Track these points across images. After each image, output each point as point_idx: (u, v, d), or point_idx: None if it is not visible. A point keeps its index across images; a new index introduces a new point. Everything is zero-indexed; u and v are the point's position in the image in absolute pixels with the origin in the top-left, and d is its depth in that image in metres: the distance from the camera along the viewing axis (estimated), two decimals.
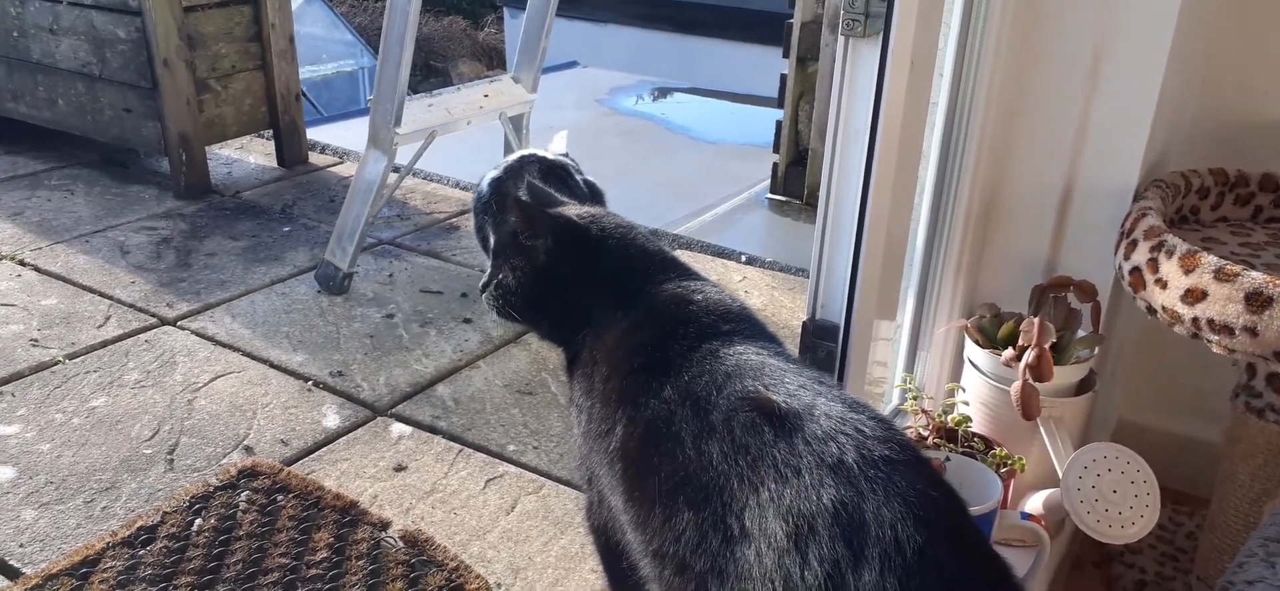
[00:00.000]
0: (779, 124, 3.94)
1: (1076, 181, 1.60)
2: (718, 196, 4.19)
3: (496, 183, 2.39)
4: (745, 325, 1.15)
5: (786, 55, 3.82)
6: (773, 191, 4.04)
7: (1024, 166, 1.61)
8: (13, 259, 2.80)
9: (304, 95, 8.39)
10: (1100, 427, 1.89)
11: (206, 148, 3.43)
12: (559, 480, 1.95)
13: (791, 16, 3.76)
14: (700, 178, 4.76)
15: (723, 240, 3.36)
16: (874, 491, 0.83)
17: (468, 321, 2.59)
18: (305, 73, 8.61)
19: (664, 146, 5.56)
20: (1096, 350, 1.54)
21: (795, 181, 3.93)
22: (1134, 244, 1.43)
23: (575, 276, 1.32)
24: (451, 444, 2.06)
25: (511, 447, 2.05)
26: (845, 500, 0.82)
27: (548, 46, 2.98)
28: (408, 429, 2.11)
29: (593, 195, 2.56)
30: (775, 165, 4.00)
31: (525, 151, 2.52)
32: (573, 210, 1.39)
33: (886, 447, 0.87)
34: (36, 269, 2.75)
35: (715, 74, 8.35)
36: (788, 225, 3.83)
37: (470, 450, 2.04)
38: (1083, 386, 1.54)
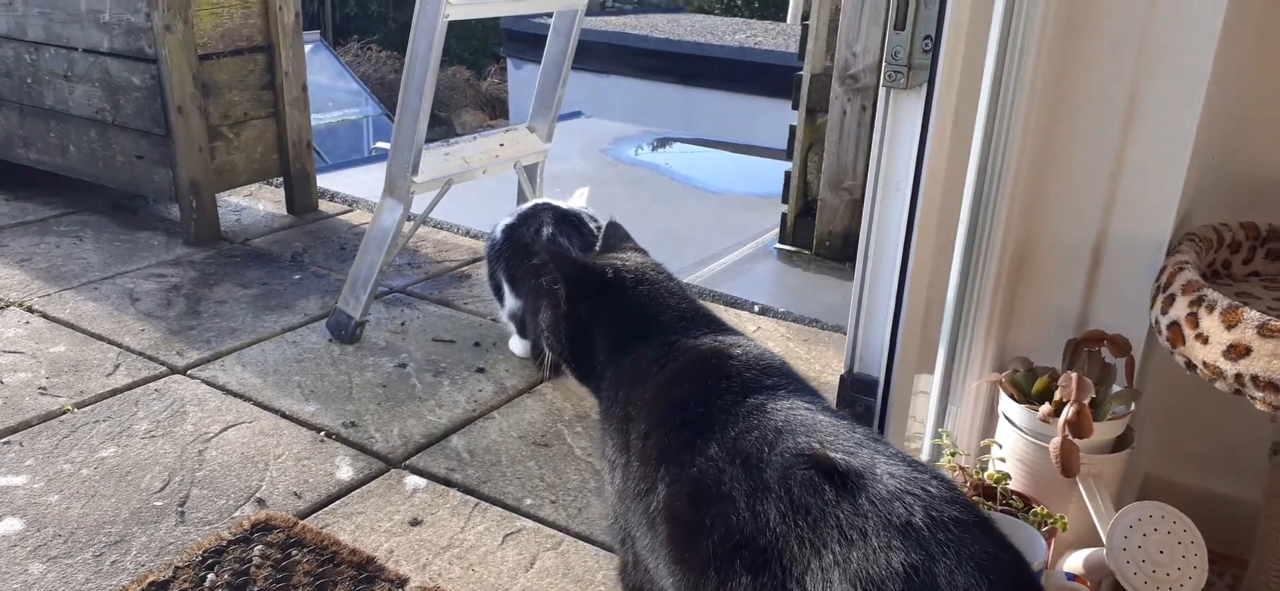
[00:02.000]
0: (788, 174, 3.94)
1: (1109, 234, 1.59)
2: (725, 246, 4.19)
3: (510, 230, 2.39)
4: (787, 380, 1.12)
5: (795, 107, 3.84)
6: (781, 241, 4.04)
7: (1056, 218, 1.60)
8: (21, 305, 2.77)
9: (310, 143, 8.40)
10: (1128, 483, 1.86)
11: (216, 194, 3.42)
12: (578, 535, 1.91)
13: (801, 69, 3.78)
14: (706, 227, 4.76)
15: (733, 289, 3.34)
16: (945, 554, 0.80)
17: (481, 371, 2.56)
18: (312, 120, 8.68)
19: (669, 196, 5.57)
20: (1133, 406, 1.52)
21: (804, 231, 3.93)
22: (1171, 298, 1.41)
23: (597, 321, 1.31)
24: (467, 497, 2.02)
25: (529, 501, 2.01)
26: (916, 564, 0.79)
27: (563, 97, 2.98)
28: (422, 481, 2.07)
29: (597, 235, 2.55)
30: (784, 215, 4.00)
31: (539, 200, 2.52)
32: (606, 257, 1.38)
33: (954, 509, 0.84)
34: (45, 316, 2.72)
35: (718, 125, 8.40)
36: (798, 275, 3.81)
37: (487, 504, 2.00)
38: (1120, 443, 1.51)
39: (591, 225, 2.53)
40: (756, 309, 3.09)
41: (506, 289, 2.43)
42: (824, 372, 2.65)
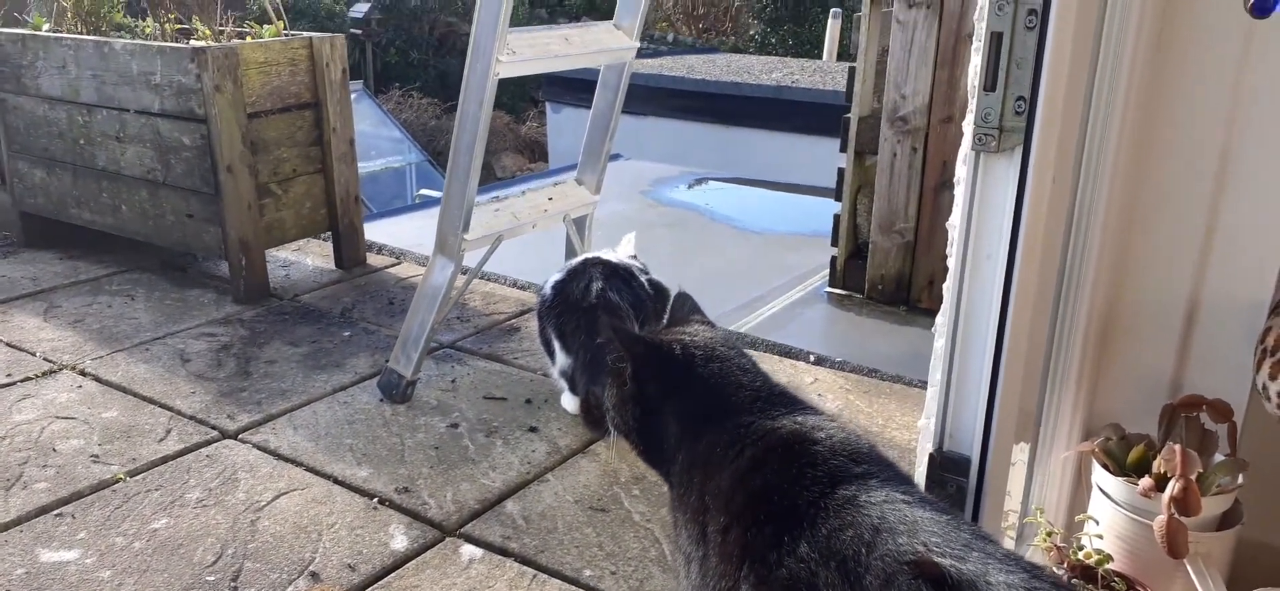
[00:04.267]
0: (837, 217, 3.87)
1: (1204, 291, 1.50)
2: (771, 288, 4.11)
3: (559, 286, 2.35)
4: (878, 466, 1.05)
5: (844, 149, 3.77)
6: (832, 284, 3.95)
7: (1146, 275, 1.52)
8: (73, 368, 2.77)
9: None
10: None
11: (266, 250, 3.42)
12: None
13: (848, 111, 3.72)
14: (750, 269, 4.69)
15: (785, 337, 3.26)
16: None
17: (533, 430, 2.50)
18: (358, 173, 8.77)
19: (710, 237, 5.52)
20: (1240, 478, 1.42)
21: (856, 275, 3.84)
22: (1279, 364, 1.32)
23: (667, 402, 1.24)
24: (525, 569, 1.95)
25: (588, 572, 1.94)
26: None
27: (610, 149, 2.94)
28: (478, 551, 2.01)
29: (657, 295, 2.49)
30: (834, 259, 3.92)
31: (588, 254, 2.47)
32: (673, 333, 1.32)
33: None
34: (97, 379, 2.71)
35: (756, 164, 8.35)
36: (851, 321, 3.72)
37: (545, 576, 1.93)
38: (1227, 519, 1.41)
39: (641, 278, 2.48)
40: (812, 359, 3.01)
41: (557, 345, 2.38)
42: (887, 427, 2.56)
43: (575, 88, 9.65)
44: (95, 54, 3.31)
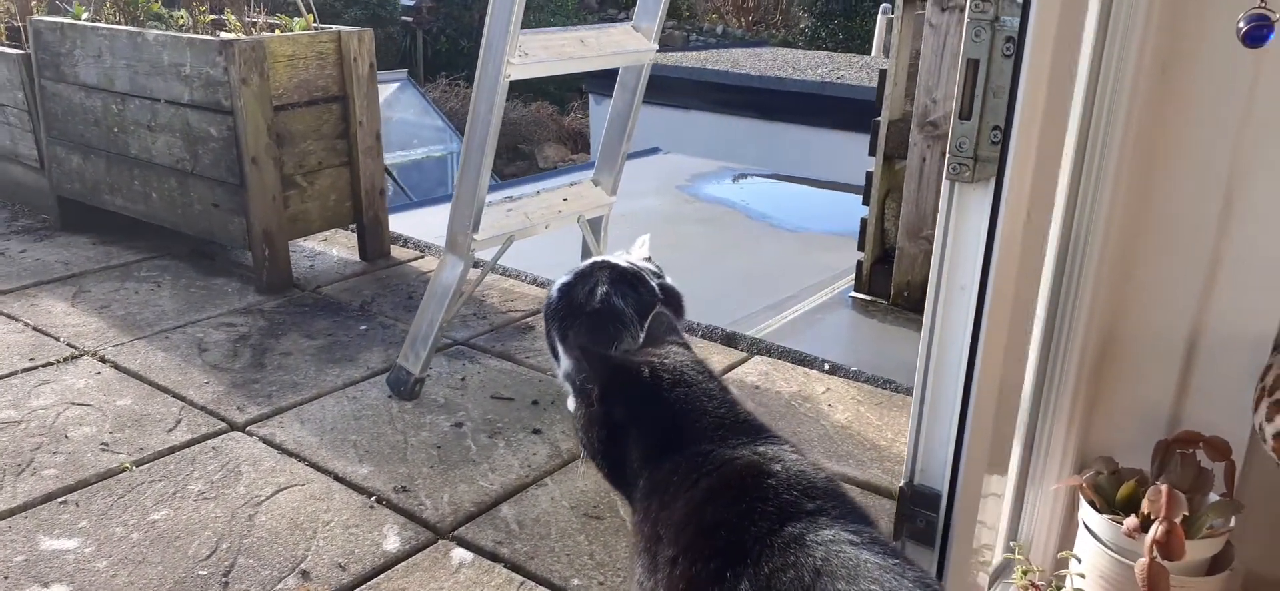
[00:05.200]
0: (864, 221, 3.81)
1: (1205, 325, 1.43)
2: (800, 289, 4.06)
3: (565, 289, 2.32)
4: (833, 503, 1.02)
5: (873, 152, 3.71)
6: (857, 290, 3.89)
7: (1145, 306, 1.46)
8: (94, 354, 2.83)
9: (395, 179, 8.56)
10: (1229, 582, 1.68)
11: (290, 241, 3.46)
12: None
13: (879, 114, 3.65)
14: (782, 269, 4.63)
15: (804, 344, 3.22)
16: None
17: (537, 432, 2.50)
18: (396, 157, 8.88)
19: (745, 235, 5.46)
20: (1233, 520, 1.36)
21: (881, 280, 3.78)
22: (1278, 405, 1.26)
23: (631, 425, 1.23)
24: (513, 575, 1.95)
25: (576, 581, 1.93)
26: None
27: (628, 150, 2.92)
28: (469, 555, 2.01)
29: (668, 300, 2.47)
30: (860, 263, 3.86)
31: (597, 257, 2.44)
32: (644, 354, 1.30)
33: None
34: (116, 366, 2.77)
35: (798, 160, 8.26)
36: (873, 327, 3.66)
37: (533, 583, 1.92)
38: (1217, 563, 1.35)
39: (652, 282, 2.46)
40: (826, 368, 2.96)
41: (561, 349, 2.37)
42: (896, 442, 2.51)
43: None
44: (128, 44, 3.37)
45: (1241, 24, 1.08)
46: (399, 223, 4.29)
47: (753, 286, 4.24)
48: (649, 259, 2.64)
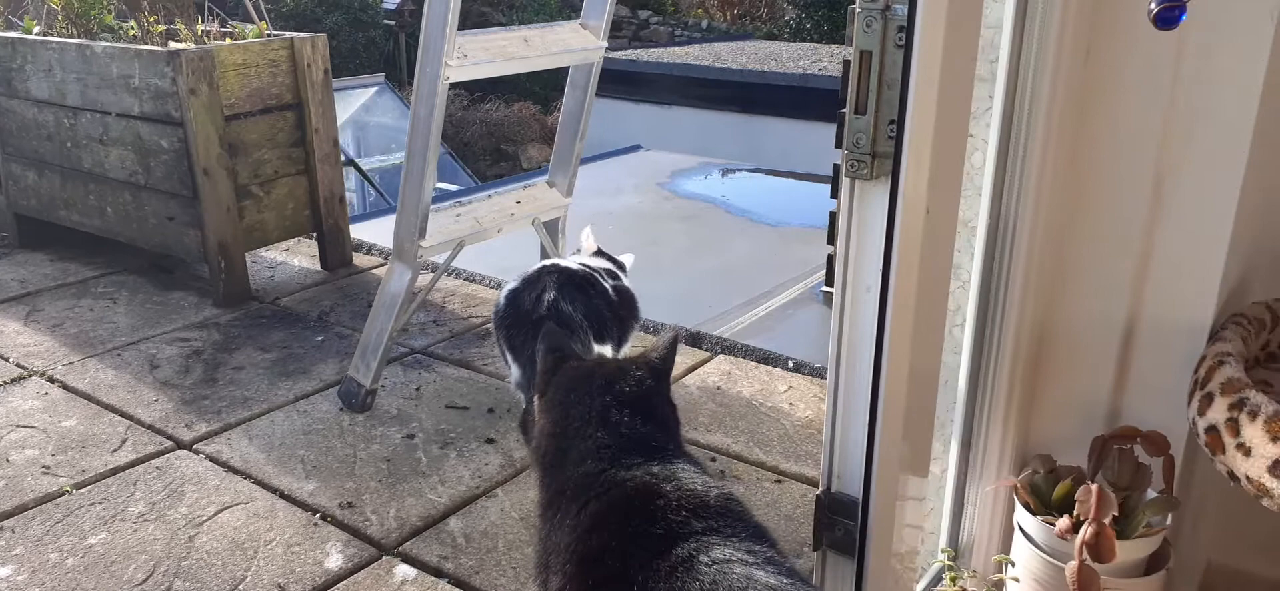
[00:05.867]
0: (833, 215, 3.76)
1: (1141, 316, 1.39)
2: (773, 285, 4.02)
3: (513, 296, 2.26)
4: (726, 521, 0.97)
5: (839, 146, 3.65)
6: (827, 284, 3.85)
7: (1079, 298, 1.41)
8: (43, 374, 2.78)
9: (373, 184, 8.46)
10: (1186, 576, 1.63)
11: (249, 252, 3.41)
12: None
13: (844, 107, 3.60)
14: (757, 264, 4.59)
15: (771, 341, 3.17)
16: None
17: (490, 441, 2.45)
18: (375, 162, 8.80)
19: (723, 231, 5.42)
20: (1170, 518, 1.32)
21: None
22: (1209, 398, 1.22)
23: (543, 442, 1.19)
24: None
25: None
26: None
27: (582, 151, 2.87)
28: (412, 572, 1.96)
29: (622, 301, 2.42)
30: (830, 257, 3.82)
31: (547, 261, 2.39)
32: (574, 365, 1.25)
33: None
34: (64, 386, 2.71)
35: (780, 153, 8.22)
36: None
37: None
38: (1155, 561, 1.31)
39: (606, 282, 2.40)
40: (790, 365, 2.92)
41: (510, 358, 2.31)
42: None
43: (605, 77, 9.58)
44: (78, 57, 3.32)
45: (1152, 5, 1.03)
46: (369, 230, 4.24)
47: (727, 283, 4.20)
48: (599, 251, 2.59)
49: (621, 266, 2.58)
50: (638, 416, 1.14)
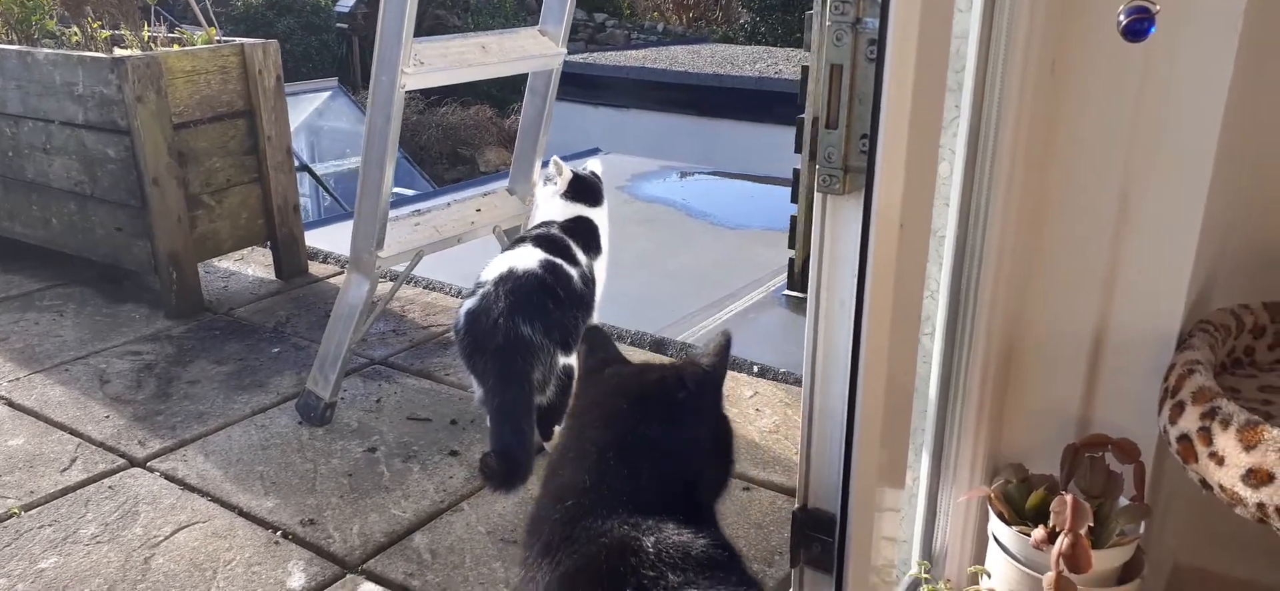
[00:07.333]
0: (793, 219, 3.77)
1: (1110, 325, 1.40)
2: (735, 289, 4.02)
3: (471, 318, 2.17)
4: (706, 573, 0.93)
5: (799, 150, 3.67)
6: (790, 288, 3.86)
7: (1048, 307, 1.42)
8: None
9: (328, 190, 8.32)
10: (1153, 577, 1.65)
11: (202, 262, 3.33)
12: None
13: (803, 112, 3.61)
14: (719, 267, 4.59)
15: (735, 346, 3.13)
16: None
17: (454, 454, 2.41)
18: (330, 166, 8.67)
19: (684, 234, 5.41)
20: (1143, 526, 1.32)
21: None
22: (1180, 407, 1.22)
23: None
24: None
25: None
26: None
27: (543, 158, 2.84)
28: (378, 589, 1.92)
29: (586, 289, 2.36)
30: (791, 261, 3.83)
31: (502, 267, 2.26)
32: (614, 374, 1.18)
33: None
34: (10, 403, 2.62)
35: (738, 156, 8.24)
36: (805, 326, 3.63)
37: None
38: (1128, 571, 1.31)
39: (572, 270, 2.30)
40: (755, 370, 2.91)
41: (473, 380, 2.23)
42: None
43: (564, 79, 9.53)
44: (19, 64, 3.21)
45: (1121, 17, 1.04)
46: (324, 237, 4.16)
47: (689, 287, 4.19)
48: (574, 180, 2.53)
49: (594, 192, 2.54)
50: (648, 452, 1.07)
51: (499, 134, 12.08)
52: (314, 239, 3.92)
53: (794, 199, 3.78)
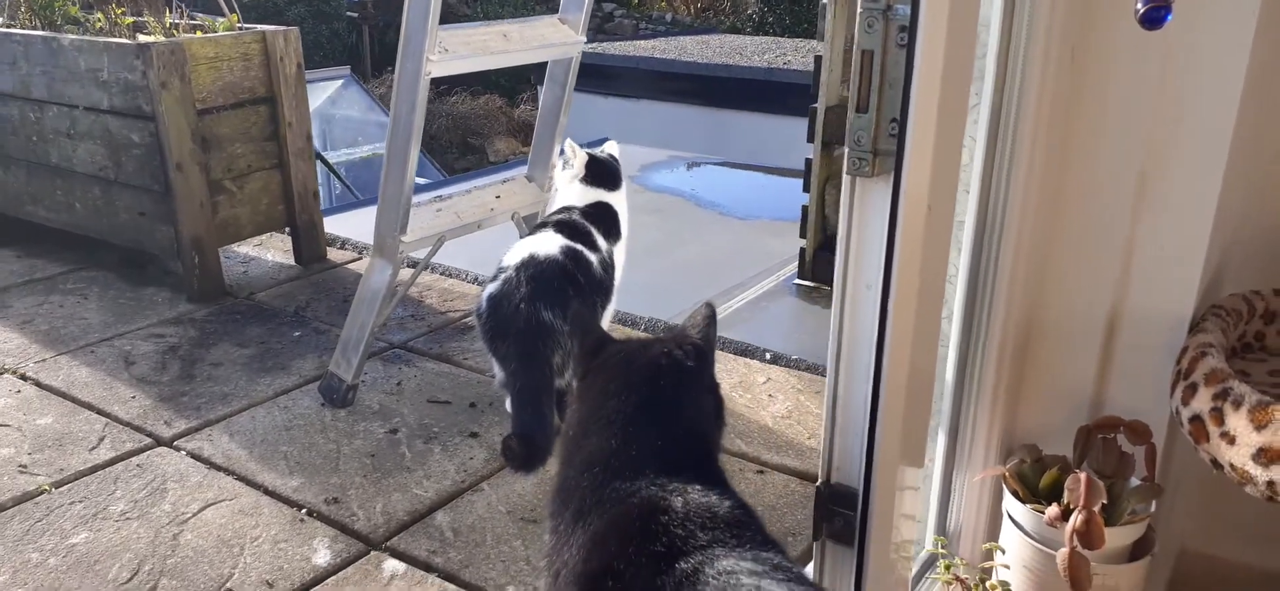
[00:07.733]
0: (805, 209, 3.80)
1: (1124, 309, 1.43)
2: (746, 278, 4.05)
3: (493, 303, 2.21)
4: (733, 533, 0.97)
5: (811, 139, 3.70)
6: (800, 277, 3.89)
7: (1064, 291, 1.45)
8: (15, 373, 2.73)
9: (340, 178, 8.37)
10: (1161, 562, 1.69)
11: (222, 248, 3.37)
12: None
13: (816, 102, 3.64)
14: (730, 257, 4.62)
15: (747, 334, 3.20)
16: None
17: (474, 435, 2.45)
18: (341, 155, 8.71)
19: (694, 224, 5.44)
20: (1154, 504, 1.36)
21: (824, 267, 3.78)
22: (1193, 388, 1.26)
23: (568, 431, 1.19)
24: (447, 585, 1.91)
25: (511, 588, 1.90)
26: None
27: (561, 146, 2.87)
28: (401, 566, 1.96)
29: (606, 274, 2.41)
30: (803, 250, 3.86)
31: (523, 253, 2.31)
32: (615, 351, 1.23)
33: None
34: (37, 383, 2.67)
35: (747, 146, 8.27)
36: (817, 314, 3.66)
37: None
38: (1139, 548, 1.35)
39: (591, 256, 2.34)
40: (768, 357, 2.95)
41: (495, 364, 2.28)
42: None
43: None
44: (44, 50, 3.25)
45: (1139, 5, 1.07)
46: (339, 224, 4.20)
47: (700, 276, 4.22)
48: (590, 163, 2.55)
49: (613, 175, 2.56)
50: (667, 416, 1.12)
51: (509, 123, 12.12)
52: (329, 226, 3.97)
53: (806, 188, 3.82)
